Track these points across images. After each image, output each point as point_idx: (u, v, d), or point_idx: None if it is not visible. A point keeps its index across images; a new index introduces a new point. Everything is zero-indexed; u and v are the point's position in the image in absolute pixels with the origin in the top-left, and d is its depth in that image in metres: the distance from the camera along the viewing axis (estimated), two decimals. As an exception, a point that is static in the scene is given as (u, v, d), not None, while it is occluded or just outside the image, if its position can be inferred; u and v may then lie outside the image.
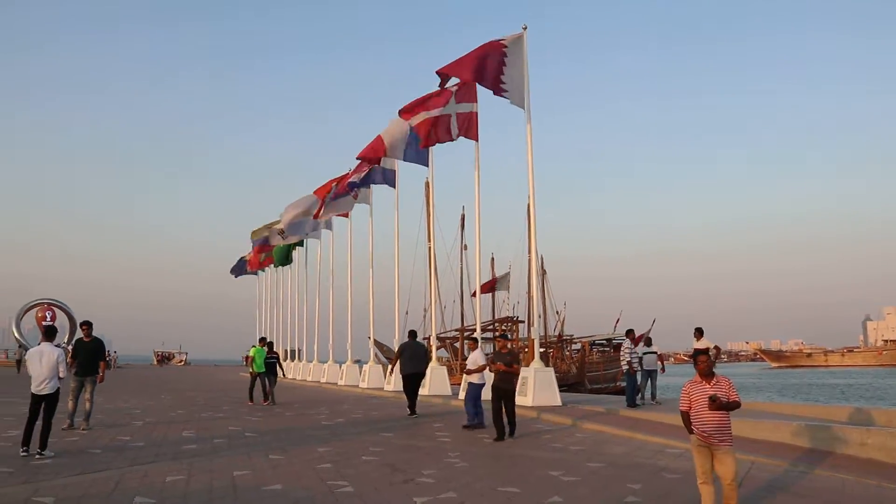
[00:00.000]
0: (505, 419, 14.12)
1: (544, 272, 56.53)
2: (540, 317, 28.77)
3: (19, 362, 56.47)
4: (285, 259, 48.77)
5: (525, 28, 21.78)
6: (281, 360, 24.88)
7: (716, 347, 19.44)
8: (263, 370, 23.45)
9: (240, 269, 57.06)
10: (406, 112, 22.60)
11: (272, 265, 53.17)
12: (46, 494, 8.56)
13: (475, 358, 16.71)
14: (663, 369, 20.70)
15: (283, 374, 26.40)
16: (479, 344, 19.03)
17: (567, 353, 55.15)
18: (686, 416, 7.76)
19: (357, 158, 28.08)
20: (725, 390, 7.56)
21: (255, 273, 57.06)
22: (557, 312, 59.43)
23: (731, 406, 7.50)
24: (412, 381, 18.82)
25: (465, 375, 17.25)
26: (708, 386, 7.62)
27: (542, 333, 54.28)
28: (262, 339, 24.99)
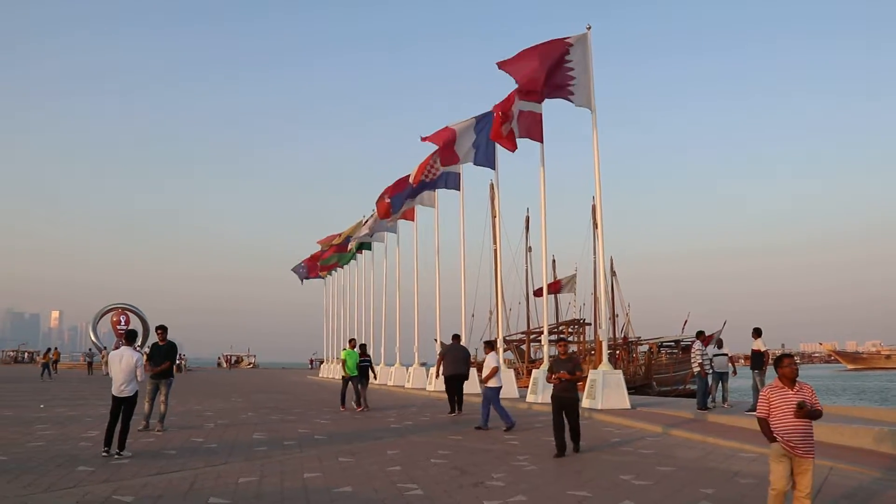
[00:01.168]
0: (568, 434, 12.58)
1: (614, 273, 55.93)
2: (606, 318, 28.44)
3: (90, 364, 58.15)
4: (349, 258, 49.39)
5: (589, 28, 21.60)
6: (373, 364, 23.53)
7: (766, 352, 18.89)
8: (356, 374, 22.08)
9: (304, 273, 57.71)
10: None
11: (338, 268, 53.76)
12: (126, 493, 8.78)
13: (489, 362, 16.99)
14: (734, 371, 20.30)
15: (376, 377, 25.20)
16: (495, 347, 18.78)
17: (634, 355, 54.50)
18: (765, 424, 7.15)
19: (439, 167, 28.23)
20: (809, 397, 7.05)
21: (322, 277, 57.65)
22: (626, 314, 58.76)
23: (816, 415, 6.99)
24: (454, 382, 19.88)
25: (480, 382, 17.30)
26: (791, 392, 7.07)
27: (609, 336, 53.72)
28: (353, 341, 23.69)
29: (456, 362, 19.66)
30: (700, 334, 20.35)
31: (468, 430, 16.46)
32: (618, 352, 51.61)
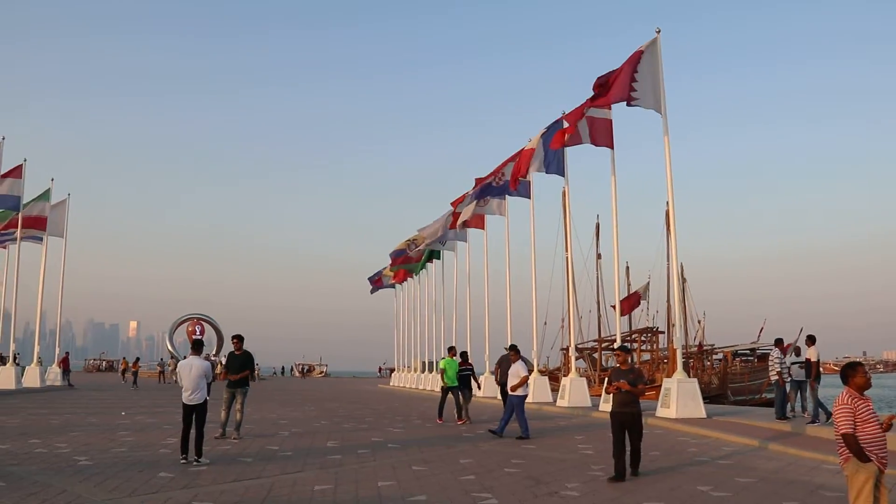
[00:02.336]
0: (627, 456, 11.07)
1: (684, 280, 55.05)
2: (680, 326, 27.93)
3: (161, 373, 59.58)
4: (420, 268, 49.67)
5: (658, 31, 21.38)
6: (475, 373, 21.96)
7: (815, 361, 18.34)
8: (456, 384, 20.75)
9: (376, 283, 58.21)
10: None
11: (410, 278, 54.08)
12: (205, 499, 8.95)
13: (516, 370, 16.89)
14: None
15: (479, 387, 23.90)
16: (521, 355, 18.46)
17: (708, 363, 53.45)
18: (854, 440, 6.26)
19: (513, 185, 28.32)
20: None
21: (392, 286, 58.05)
22: (699, 322, 57.68)
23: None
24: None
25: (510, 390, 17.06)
26: (868, 403, 6.40)
27: (683, 343, 52.73)
28: (453, 349, 22.12)
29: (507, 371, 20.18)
30: (779, 342, 19.85)
31: (542, 437, 16.38)
32: (691, 360, 50.70)
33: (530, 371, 17.11)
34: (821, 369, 19.00)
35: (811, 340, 18.52)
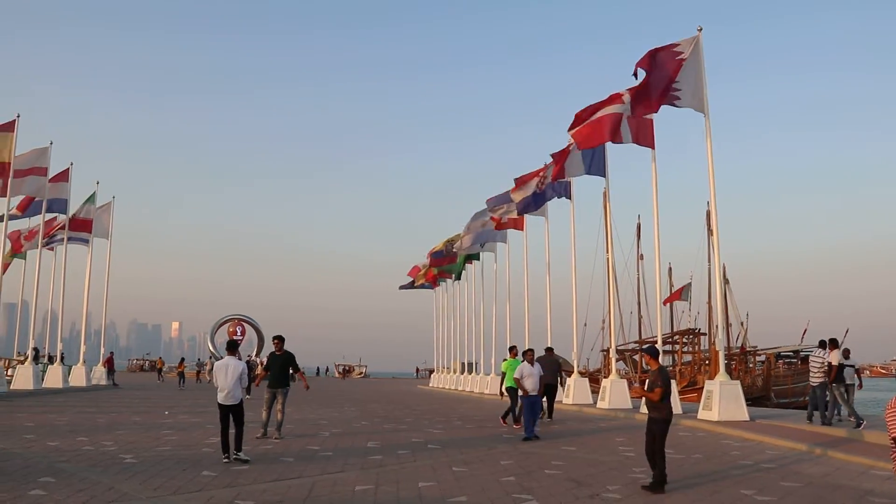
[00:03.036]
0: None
1: (727, 281, 54.38)
2: (722, 328, 27.69)
3: (198, 373, 60.32)
4: (459, 273, 49.68)
5: (700, 30, 21.16)
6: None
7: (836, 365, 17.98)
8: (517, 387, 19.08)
9: (411, 283, 58.28)
10: (578, 122, 22.42)
11: (448, 279, 54.11)
12: (247, 498, 9.02)
13: (521, 370, 17.12)
14: (860, 384, 19.33)
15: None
16: (534, 356, 18.32)
17: (751, 365, 52.74)
18: None
19: (553, 181, 28.23)
20: None
21: (424, 286, 58.12)
22: (742, 323, 56.94)
23: None
24: (545, 391, 20.43)
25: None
26: None
27: (725, 345, 52.16)
28: (514, 349, 21.10)
29: (547, 372, 20.73)
30: (824, 344, 19.51)
31: (582, 439, 16.33)
32: (734, 362, 50.06)
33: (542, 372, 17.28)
34: (859, 374, 18.87)
35: (833, 344, 18.32)
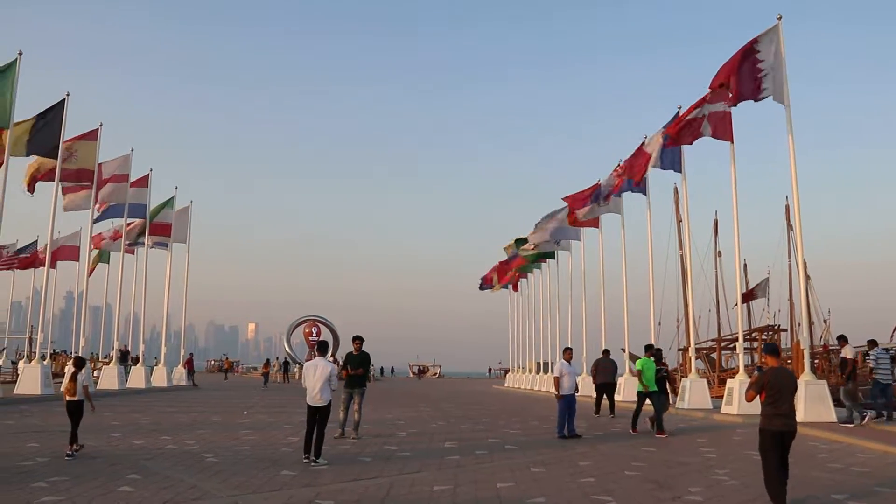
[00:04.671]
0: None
1: (808, 277, 52.88)
2: (805, 325, 26.79)
3: (266, 373, 61.20)
4: (533, 260, 49.45)
5: (780, 18, 20.59)
6: (670, 374, 19.00)
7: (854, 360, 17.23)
8: (654, 388, 17.56)
9: (487, 283, 58.22)
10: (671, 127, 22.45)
11: (524, 278, 53.96)
12: (327, 498, 9.07)
13: (559, 369, 17.08)
14: None
15: (676, 392, 22.60)
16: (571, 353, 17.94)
17: (835, 364, 51.08)
18: None
19: (635, 185, 27.95)
20: None
21: (506, 287, 57.94)
22: (824, 321, 55.25)
23: None
24: (603, 389, 23.94)
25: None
26: None
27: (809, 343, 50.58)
28: (650, 347, 18.98)
29: (605, 373, 24.00)
30: None
31: (661, 441, 16.02)
32: (816, 361, 48.60)
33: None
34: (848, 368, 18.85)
35: (843, 340, 17.90)
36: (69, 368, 13.22)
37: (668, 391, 18.54)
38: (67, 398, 12.89)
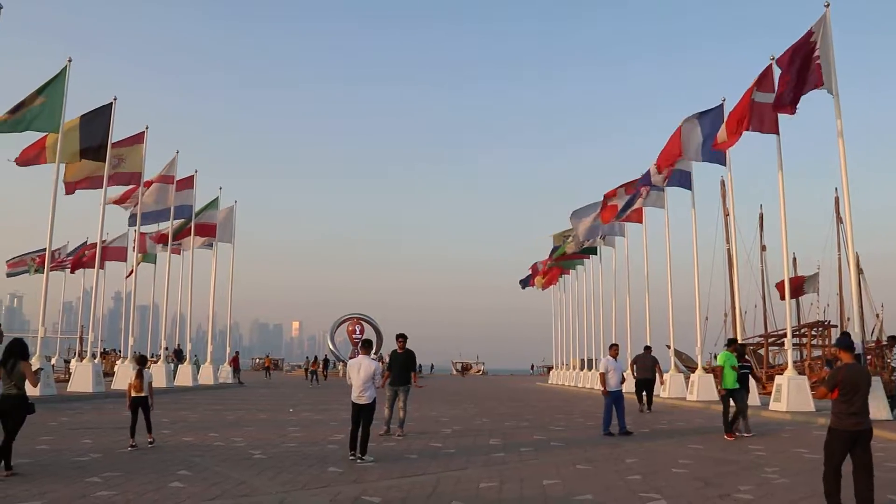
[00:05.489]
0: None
1: (860, 271, 51.88)
2: (857, 320, 26.20)
3: (307, 370, 61.68)
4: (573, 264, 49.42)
5: (827, 5, 20.26)
6: (756, 368, 17.58)
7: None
8: (737, 386, 15.94)
9: (528, 280, 58.00)
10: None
11: (566, 274, 53.75)
12: (374, 494, 9.10)
13: (605, 365, 17.02)
14: None
15: (763, 383, 22.06)
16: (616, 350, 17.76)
17: (888, 360, 50.04)
18: None
19: (658, 172, 27.59)
20: None
21: (551, 285, 57.70)
22: (877, 315, 54.13)
23: None
24: (643, 385, 24.73)
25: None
26: None
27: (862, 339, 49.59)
28: (733, 342, 17.36)
29: (645, 368, 24.78)
30: None
31: (709, 436, 15.91)
32: (869, 357, 47.65)
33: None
34: None
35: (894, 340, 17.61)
36: (134, 366, 14.13)
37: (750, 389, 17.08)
38: (133, 394, 13.65)
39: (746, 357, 17.26)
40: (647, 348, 26.48)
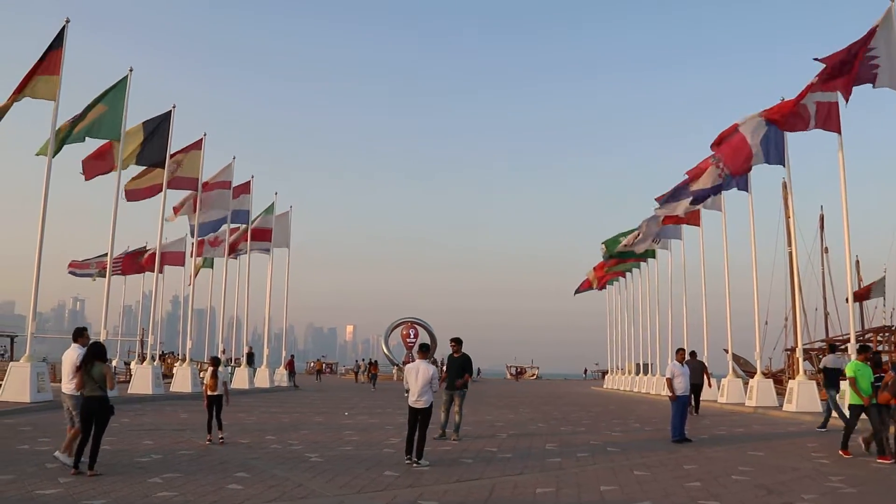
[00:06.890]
0: None
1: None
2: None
3: (357, 373, 61.63)
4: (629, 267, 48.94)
5: (894, 0, 19.73)
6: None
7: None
8: (873, 402, 13.09)
9: (584, 287, 57.55)
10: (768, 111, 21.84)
11: (622, 277, 53.31)
12: (430, 498, 9.12)
13: (672, 370, 16.59)
14: None
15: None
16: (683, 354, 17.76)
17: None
18: None
19: (733, 175, 27.07)
20: None
21: (604, 288, 57.20)
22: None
23: None
24: (691, 390, 23.04)
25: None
26: None
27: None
28: (865, 348, 14.92)
29: (693, 373, 22.56)
30: None
31: (770, 443, 15.62)
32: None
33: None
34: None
35: (831, 349, 18.51)
36: (209, 367, 15.15)
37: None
38: (209, 393, 14.56)
39: (885, 367, 14.27)
40: (693, 353, 26.03)
